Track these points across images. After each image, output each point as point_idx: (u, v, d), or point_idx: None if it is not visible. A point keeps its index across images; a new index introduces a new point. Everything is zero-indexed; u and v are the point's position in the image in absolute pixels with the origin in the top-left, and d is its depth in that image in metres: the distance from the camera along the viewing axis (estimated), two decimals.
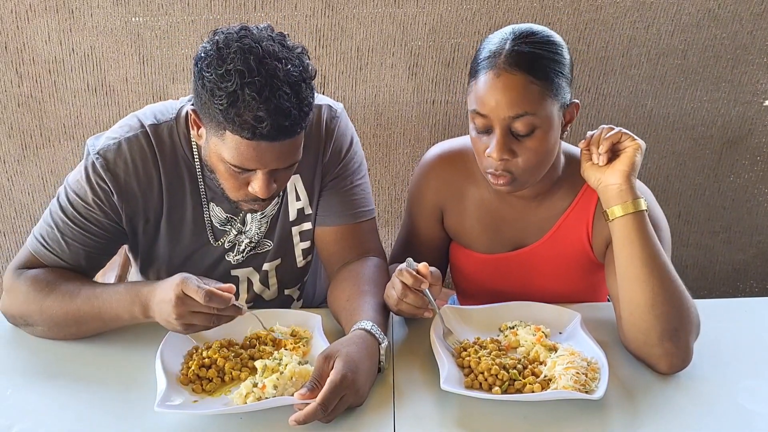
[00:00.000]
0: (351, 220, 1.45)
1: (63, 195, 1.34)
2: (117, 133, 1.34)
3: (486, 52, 1.25)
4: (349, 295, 1.33)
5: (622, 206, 1.22)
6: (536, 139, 1.23)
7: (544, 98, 1.22)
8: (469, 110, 1.27)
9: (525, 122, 1.22)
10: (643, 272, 1.21)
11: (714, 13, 2.05)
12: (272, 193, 1.25)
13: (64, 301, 1.27)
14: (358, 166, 1.47)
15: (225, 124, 1.16)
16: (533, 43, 1.22)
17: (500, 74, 1.21)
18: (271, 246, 1.47)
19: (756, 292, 2.52)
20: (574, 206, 1.39)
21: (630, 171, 1.23)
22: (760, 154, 2.29)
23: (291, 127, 1.16)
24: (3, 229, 2.28)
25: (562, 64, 1.24)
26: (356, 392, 1.13)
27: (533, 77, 1.21)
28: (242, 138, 1.16)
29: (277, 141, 1.17)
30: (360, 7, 2.00)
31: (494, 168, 1.26)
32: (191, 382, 1.20)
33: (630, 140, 1.23)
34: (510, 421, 1.14)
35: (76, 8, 1.96)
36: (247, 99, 1.12)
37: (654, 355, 1.22)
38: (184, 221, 1.40)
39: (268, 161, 1.20)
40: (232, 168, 1.21)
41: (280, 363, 1.19)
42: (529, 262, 1.44)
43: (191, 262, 1.44)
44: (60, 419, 1.15)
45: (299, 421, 1.07)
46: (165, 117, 1.36)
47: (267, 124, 1.13)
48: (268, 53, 1.15)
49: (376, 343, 1.21)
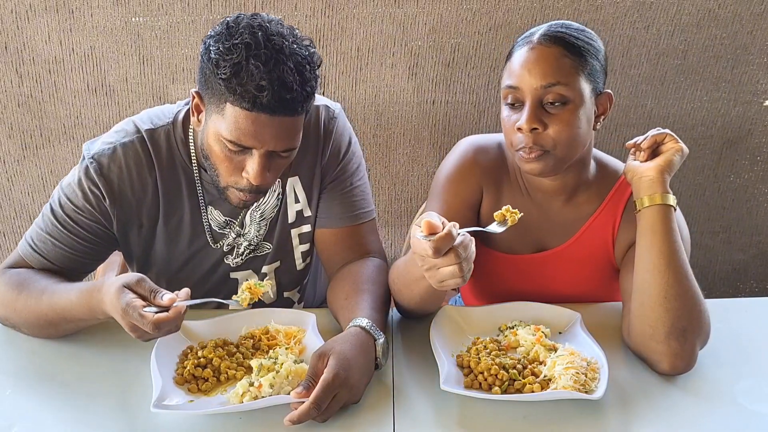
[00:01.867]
0: (351, 222, 1.44)
1: (56, 198, 1.34)
2: (113, 137, 1.34)
3: (522, 37, 1.30)
4: (348, 293, 1.33)
5: (650, 197, 1.25)
6: (567, 111, 1.25)
7: (576, 72, 1.25)
8: (502, 89, 1.29)
9: (556, 92, 1.23)
10: (661, 262, 1.22)
11: (714, 13, 2.05)
12: (265, 182, 1.24)
13: (31, 303, 1.26)
14: (357, 167, 1.47)
15: (226, 95, 1.16)
16: (568, 28, 1.28)
17: (534, 47, 1.25)
18: (270, 249, 1.47)
19: (756, 292, 2.52)
20: (600, 211, 1.39)
21: (665, 167, 1.25)
22: (760, 154, 2.29)
23: (291, 103, 1.17)
24: (3, 229, 2.28)
25: (596, 49, 1.28)
26: (350, 389, 1.13)
27: (567, 51, 1.24)
28: (242, 109, 1.16)
29: (276, 115, 1.17)
30: (360, 7, 2.00)
31: (524, 142, 1.26)
32: (187, 382, 1.20)
33: (673, 142, 1.27)
34: (509, 421, 1.14)
35: (76, 8, 1.96)
36: (251, 69, 1.14)
37: (658, 352, 1.22)
38: (181, 225, 1.40)
39: (265, 138, 1.19)
40: (228, 147, 1.21)
41: (276, 362, 1.19)
42: (551, 265, 1.44)
43: (190, 266, 1.44)
44: (58, 419, 1.15)
45: (293, 420, 1.08)
46: (162, 121, 1.36)
47: (268, 93, 1.14)
48: (277, 32, 1.17)
49: (372, 339, 1.21)
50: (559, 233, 1.42)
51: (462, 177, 1.42)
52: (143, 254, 1.42)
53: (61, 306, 1.22)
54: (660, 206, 1.24)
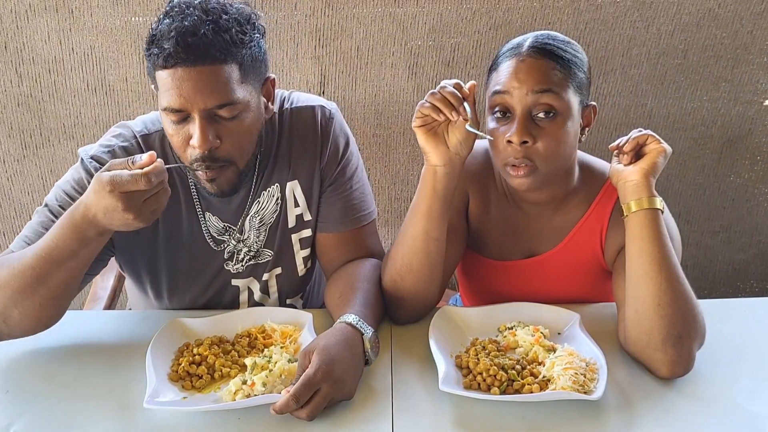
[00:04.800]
0: (352, 226, 1.44)
1: (51, 196, 1.32)
2: (111, 141, 1.34)
3: (506, 48, 1.30)
4: (342, 292, 1.33)
5: (637, 202, 1.24)
6: (556, 124, 1.25)
7: (566, 84, 1.25)
8: (488, 97, 1.29)
9: (546, 102, 1.23)
10: (652, 268, 1.21)
11: (714, 13, 2.05)
12: (212, 146, 1.21)
13: (15, 267, 1.18)
14: (356, 168, 1.46)
15: (152, 67, 1.18)
16: (554, 40, 1.28)
17: (524, 59, 1.25)
18: (271, 256, 1.46)
19: (756, 292, 2.52)
20: (588, 215, 1.39)
21: (649, 170, 1.25)
22: (760, 154, 2.28)
23: (200, 47, 1.16)
24: (3, 229, 2.28)
25: (582, 62, 1.29)
26: (334, 384, 1.11)
27: (556, 64, 1.25)
28: (162, 69, 1.17)
29: (191, 65, 1.16)
30: (360, 6, 2.00)
31: (514, 155, 1.26)
32: (181, 379, 1.20)
33: (655, 143, 1.27)
34: (508, 422, 1.14)
35: (76, 8, 1.96)
36: (163, 28, 1.16)
37: (656, 359, 1.22)
38: (180, 232, 1.39)
39: (190, 94, 1.17)
40: (169, 118, 1.21)
41: (270, 360, 1.19)
42: (541, 271, 1.44)
43: (192, 273, 1.43)
44: (56, 418, 1.15)
45: (275, 409, 1.09)
46: (155, 126, 1.36)
47: (174, 41, 1.14)
48: (212, 5, 1.19)
49: (359, 334, 1.20)
50: (548, 239, 1.42)
51: None
52: (146, 262, 1.41)
53: (46, 248, 1.16)
54: (647, 210, 1.23)
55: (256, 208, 1.41)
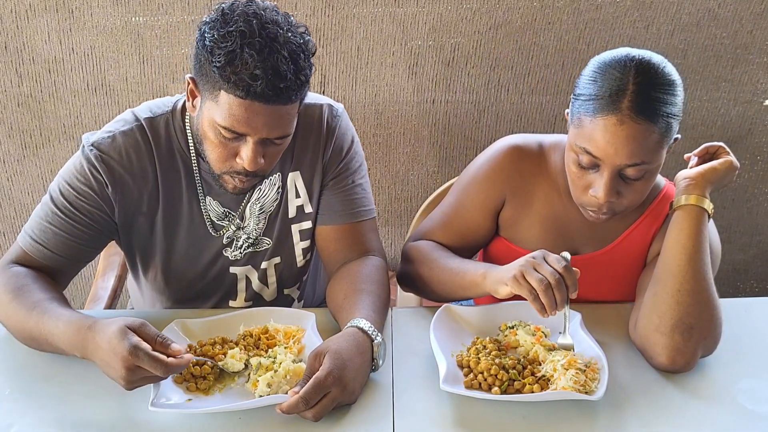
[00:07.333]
0: (351, 219, 1.44)
1: (55, 187, 1.33)
2: (112, 127, 1.35)
3: (606, 88, 1.20)
4: (347, 293, 1.33)
5: (686, 197, 1.26)
6: (644, 181, 1.26)
7: (661, 146, 1.22)
8: (575, 144, 1.24)
9: (639, 169, 1.22)
10: (682, 259, 1.23)
11: (714, 13, 2.05)
12: (259, 169, 1.25)
13: (21, 314, 1.23)
14: (359, 166, 1.47)
15: (221, 83, 1.17)
16: (657, 86, 1.19)
17: (624, 121, 1.18)
18: (270, 244, 1.46)
19: (756, 292, 2.52)
20: (640, 222, 1.40)
21: (707, 173, 1.27)
22: (760, 154, 2.29)
23: (285, 91, 1.17)
24: (3, 229, 2.28)
25: (679, 107, 1.22)
26: (344, 389, 1.13)
27: (655, 126, 1.19)
28: (236, 97, 1.17)
29: (270, 104, 1.18)
30: (360, 6, 2.00)
31: (597, 207, 1.27)
32: (186, 381, 1.20)
33: (725, 154, 1.29)
34: (509, 422, 1.14)
35: (76, 8, 1.96)
36: (245, 57, 1.14)
37: (660, 344, 1.22)
38: (181, 215, 1.40)
39: (259, 126, 1.20)
40: (222, 133, 1.22)
41: (275, 361, 1.19)
42: (581, 271, 1.42)
43: (190, 257, 1.44)
44: (57, 418, 1.16)
45: (282, 409, 1.10)
46: (161, 110, 1.37)
47: (262, 82, 1.15)
48: (271, 20, 1.18)
49: (369, 340, 1.21)
50: (596, 240, 1.42)
51: (485, 180, 1.43)
52: (145, 244, 1.42)
53: (47, 329, 1.20)
54: (693, 206, 1.25)
55: (257, 195, 1.41)
